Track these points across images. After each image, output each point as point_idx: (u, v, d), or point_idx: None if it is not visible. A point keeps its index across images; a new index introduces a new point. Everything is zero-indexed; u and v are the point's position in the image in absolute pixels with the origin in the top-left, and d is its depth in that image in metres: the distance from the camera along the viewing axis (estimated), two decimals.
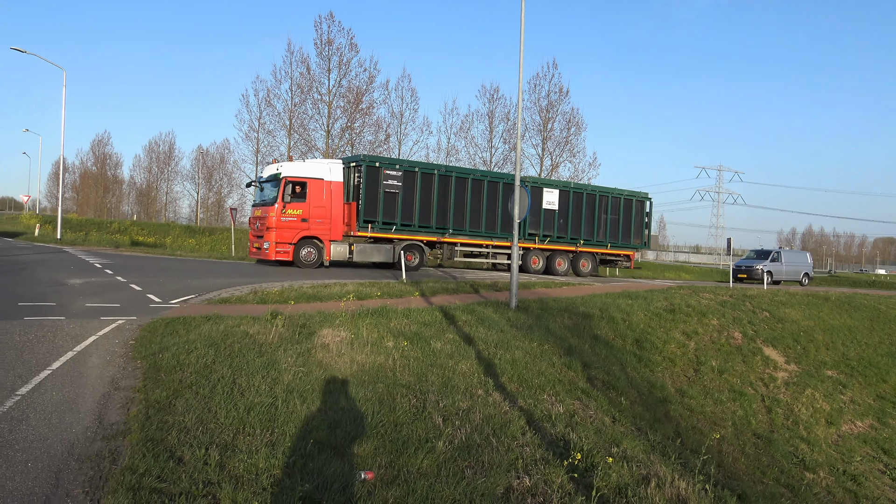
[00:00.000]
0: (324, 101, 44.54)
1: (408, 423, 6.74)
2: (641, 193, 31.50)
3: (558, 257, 28.71)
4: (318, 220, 23.81)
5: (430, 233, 26.09)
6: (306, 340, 9.89)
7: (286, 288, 16.01)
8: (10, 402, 6.55)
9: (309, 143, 44.74)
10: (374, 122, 45.55)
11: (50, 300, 12.85)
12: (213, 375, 7.68)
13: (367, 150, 44.91)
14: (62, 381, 7.41)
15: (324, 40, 44.01)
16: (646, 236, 30.90)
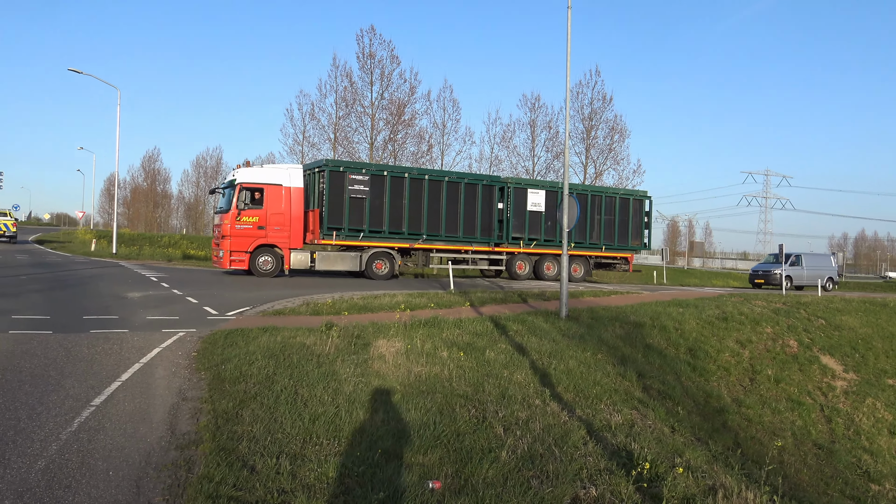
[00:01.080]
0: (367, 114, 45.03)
1: (469, 432, 6.79)
2: (640, 192, 29.82)
3: (547, 261, 27.22)
4: (277, 227, 22.84)
5: (402, 239, 24.89)
6: (362, 351, 10.02)
7: (337, 299, 16.21)
8: (86, 412, 6.79)
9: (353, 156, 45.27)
10: (416, 133, 45.89)
11: (113, 313, 13.24)
12: (275, 386, 7.84)
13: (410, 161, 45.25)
14: (132, 393, 7.64)
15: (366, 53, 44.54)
16: (646, 237, 29.16)
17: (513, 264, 26.76)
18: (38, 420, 6.45)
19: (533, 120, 47.65)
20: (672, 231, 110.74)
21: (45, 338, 10.43)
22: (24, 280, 19.04)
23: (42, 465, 5.34)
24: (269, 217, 22.77)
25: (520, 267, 26.94)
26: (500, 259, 26.68)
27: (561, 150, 45.81)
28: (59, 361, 8.95)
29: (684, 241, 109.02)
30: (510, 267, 26.83)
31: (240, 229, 22.53)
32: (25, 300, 14.75)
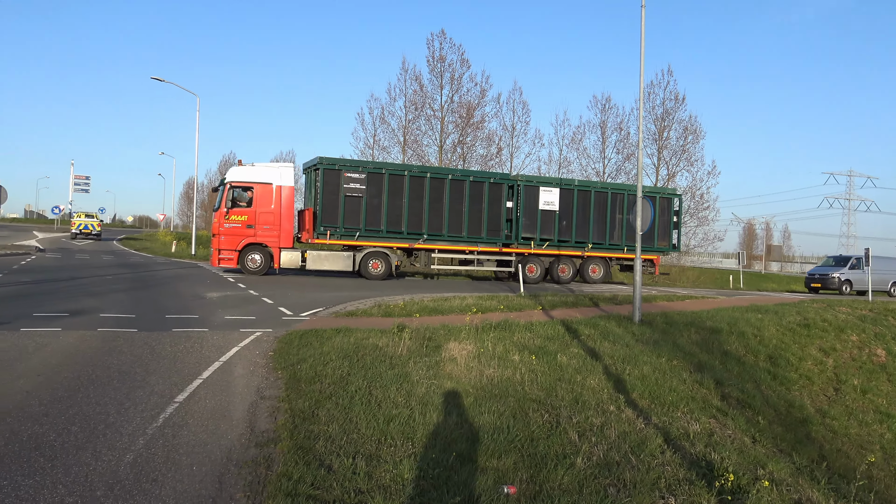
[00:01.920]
0: (436, 117, 45.28)
1: (543, 438, 6.72)
2: (667, 190, 28.15)
3: (561, 263, 25.98)
4: (266, 226, 22.93)
5: (402, 239, 24.19)
6: (434, 353, 10.06)
7: (408, 301, 16.33)
8: (170, 408, 7.02)
9: (422, 159, 45.59)
10: (485, 135, 45.87)
11: (193, 313, 13.67)
12: (349, 387, 7.94)
13: (479, 164, 45.25)
14: (213, 390, 7.87)
15: (436, 57, 44.79)
16: (674, 238, 27.33)
17: (524, 266, 25.43)
18: (125, 415, 6.70)
19: (603, 121, 47.02)
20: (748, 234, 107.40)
21: (131, 336, 10.85)
22: (109, 280, 19.87)
23: (130, 459, 5.54)
24: (259, 216, 22.95)
25: (531, 269, 25.65)
26: (509, 261, 25.51)
27: (632, 151, 45.04)
28: (145, 359, 9.29)
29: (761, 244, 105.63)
30: (521, 268, 25.13)
31: (228, 228, 22.84)
32: (112, 299, 15.39)
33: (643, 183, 16.38)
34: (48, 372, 8.30)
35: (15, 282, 17.91)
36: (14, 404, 6.90)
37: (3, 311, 12.54)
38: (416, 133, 45.88)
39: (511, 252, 25.52)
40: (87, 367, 8.61)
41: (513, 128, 46.84)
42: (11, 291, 15.82)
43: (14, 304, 13.76)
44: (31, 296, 15.27)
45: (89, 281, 19.26)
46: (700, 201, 44.39)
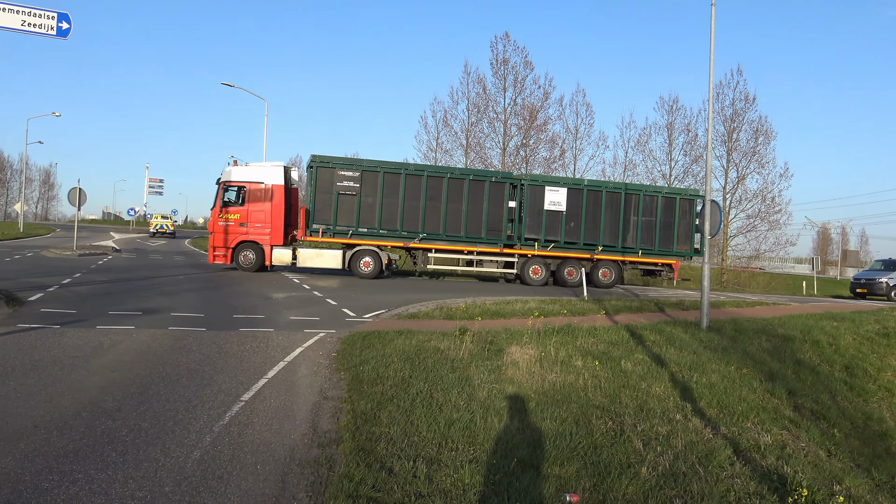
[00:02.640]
0: (499, 120, 45.21)
1: (607, 445, 6.58)
2: (689, 191, 26.59)
3: (568, 266, 25.07)
4: (258, 224, 23.48)
5: (397, 238, 24.06)
6: (496, 357, 10.00)
7: (470, 304, 16.30)
8: (236, 406, 7.16)
9: (485, 161, 45.55)
10: (548, 138, 45.59)
11: (259, 313, 13.95)
12: (411, 389, 7.95)
13: (542, 167, 44.95)
14: (277, 390, 7.99)
15: (499, 60, 44.71)
16: (697, 242, 25.61)
17: (527, 268, 24.93)
18: (193, 412, 6.86)
19: (670, 123, 46.18)
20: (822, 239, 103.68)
21: (200, 335, 11.14)
22: (180, 280, 20.47)
23: (197, 456, 5.66)
24: (251, 214, 23.50)
25: (535, 271, 24.99)
26: (511, 262, 24.96)
27: (699, 153, 44.03)
28: (212, 357, 9.51)
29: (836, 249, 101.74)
30: (523, 271, 24.97)
31: (222, 226, 23.56)
32: (182, 299, 15.84)
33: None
34: (122, 369, 8.58)
35: (92, 281, 18.63)
36: (89, 399, 7.15)
37: (81, 309, 13.05)
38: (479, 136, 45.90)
39: (513, 253, 24.94)
40: (158, 365, 8.87)
41: (576, 130, 46.43)
42: (89, 290, 16.45)
43: (91, 302, 14.30)
44: (108, 294, 15.85)
45: (161, 281, 19.88)
46: (771, 205, 43.05)
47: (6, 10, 13.50)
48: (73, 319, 11.89)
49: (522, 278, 25.08)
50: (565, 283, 25.01)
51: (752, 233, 43.66)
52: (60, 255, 28.08)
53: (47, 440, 5.85)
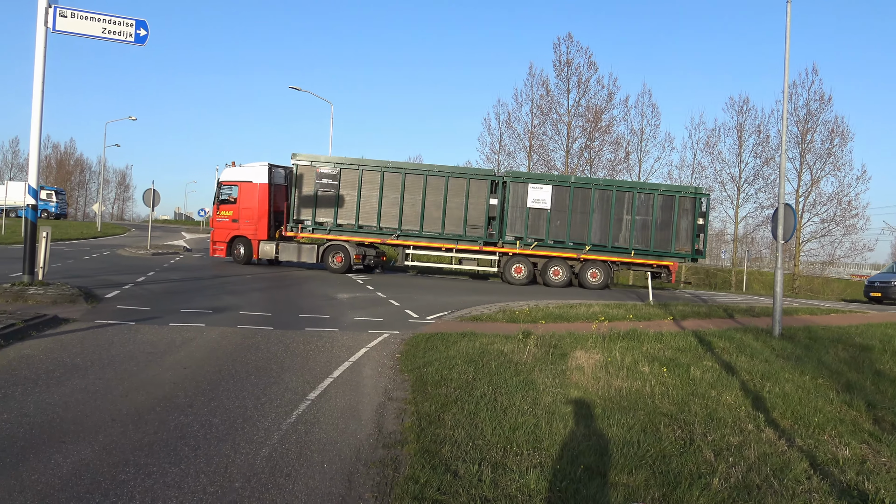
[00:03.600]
0: (563, 122, 44.89)
1: (676, 455, 6.41)
2: (690, 188, 25.54)
3: (554, 265, 24.54)
4: (247, 220, 25.29)
5: (374, 235, 24.64)
6: (560, 361, 9.89)
7: (533, 307, 16.19)
8: (303, 405, 7.26)
9: (548, 164, 45.28)
10: (613, 140, 45.04)
11: (324, 313, 14.15)
12: (475, 392, 7.92)
13: (606, 169, 44.39)
14: (343, 389, 8.07)
15: (562, 61, 44.42)
16: (699, 243, 24.52)
17: (509, 266, 24.65)
18: (262, 410, 6.99)
19: (740, 124, 44.99)
20: None
21: (267, 333, 11.36)
22: (248, 279, 20.94)
23: (266, 453, 5.76)
24: (241, 211, 25.45)
25: (517, 270, 24.67)
26: (492, 260, 24.83)
27: (771, 155, 42.77)
28: (280, 356, 9.69)
29: None
30: (506, 270, 24.70)
31: (219, 222, 25.85)
32: (250, 298, 16.20)
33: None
34: (193, 365, 8.81)
35: (165, 279, 19.23)
36: (163, 395, 7.36)
37: (154, 307, 13.48)
38: (542, 138, 45.71)
39: (494, 251, 24.79)
40: (227, 362, 9.08)
41: (641, 131, 45.67)
42: (162, 288, 16.99)
43: (164, 300, 14.76)
44: (179, 292, 16.34)
45: (229, 280, 20.38)
46: (847, 208, 41.56)
47: (88, 18, 14.06)
48: (147, 316, 12.29)
49: (504, 277, 25.00)
50: (549, 283, 24.72)
51: (826, 237, 42.17)
52: (135, 254, 29.11)
53: (124, 433, 6.04)
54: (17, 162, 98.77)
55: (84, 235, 42.84)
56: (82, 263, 23.17)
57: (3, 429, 5.95)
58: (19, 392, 7.13)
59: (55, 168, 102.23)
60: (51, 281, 14.74)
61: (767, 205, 42.61)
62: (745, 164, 44.45)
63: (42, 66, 13.99)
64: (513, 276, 24.76)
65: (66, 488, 4.83)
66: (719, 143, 47.88)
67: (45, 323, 10.83)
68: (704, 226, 24.67)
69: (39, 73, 13.96)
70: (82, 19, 14.07)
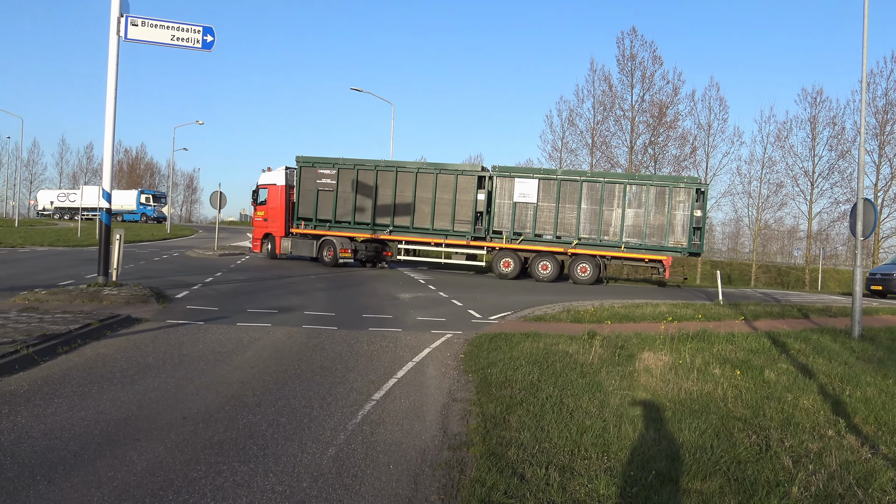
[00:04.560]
0: (626, 118, 44.18)
1: (751, 461, 6.19)
2: (685, 179, 24.44)
3: (542, 260, 24.37)
4: (273, 219, 28.24)
5: (368, 230, 26.08)
6: (627, 363, 9.70)
7: (598, 307, 15.96)
8: (368, 405, 7.31)
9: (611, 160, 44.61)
10: (679, 135, 44.07)
11: (387, 313, 14.25)
12: (540, 394, 7.83)
13: (672, 165, 43.49)
14: (407, 390, 8.10)
15: (626, 56, 43.74)
16: (695, 237, 23.57)
17: (497, 260, 24.94)
18: (327, 410, 7.06)
19: (814, 116, 43.40)
20: None
21: (332, 333, 11.50)
22: (312, 279, 21.28)
23: (332, 453, 5.81)
24: (269, 211, 28.35)
25: (506, 264, 24.87)
26: (479, 255, 25.53)
27: (847, 148, 41.19)
28: (344, 356, 9.79)
29: None
30: (495, 264, 25.06)
31: (256, 221, 29.23)
32: (314, 298, 16.45)
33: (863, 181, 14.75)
34: (260, 365, 8.98)
35: (232, 279, 19.71)
36: (232, 393, 7.51)
37: (222, 307, 13.81)
38: (605, 134, 45.08)
39: (482, 246, 25.24)
40: (293, 362, 9.22)
41: (708, 126, 44.56)
42: (229, 289, 17.40)
43: (231, 300, 15.11)
44: (246, 293, 16.71)
45: (294, 280, 20.75)
46: None
47: (158, 26, 14.51)
48: (216, 316, 12.59)
49: (494, 270, 25.41)
50: (538, 277, 24.68)
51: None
52: (203, 255, 29.96)
53: (195, 431, 6.18)
54: (92, 167, 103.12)
55: (154, 237, 44.32)
56: (153, 265, 23.95)
57: (80, 426, 6.17)
58: (95, 390, 7.38)
59: (127, 172, 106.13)
60: (124, 282, 15.28)
61: (843, 200, 41.05)
62: (818, 157, 42.92)
63: (115, 73, 14.50)
64: (502, 271, 25.15)
65: (140, 485, 4.97)
66: (791, 136, 46.50)
67: (119, 323, 11.21)
68: (702, 218, 24.00)
69: (112, 80, 14.48)
70: (152, 27, 14.52)
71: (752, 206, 45.95)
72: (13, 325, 10.07)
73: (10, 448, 5.51)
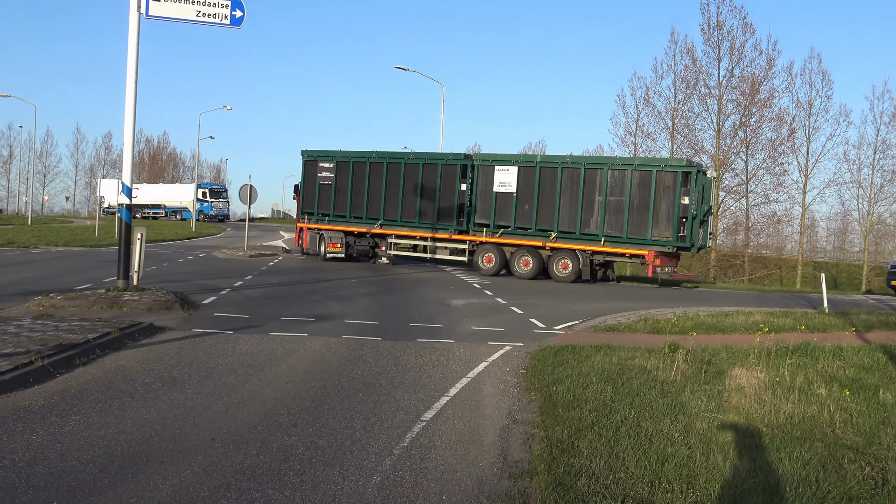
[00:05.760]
0: (712, 96, 43.52)
1: (865, 497, 6.02)
2: (671, 161, 23.73)
3: (522, 255, 24.75)
4: None
5: (361, 224, 27.95)
6: (715, 381, 9.56)
7: (680, 316, 15.77)
8: (417, 427, 7.34)
9: (695, 146, 43.97)
10: (774, 115, 43.20)
11: (437, 321, 14.32)
12: (614, 416, 7.76)
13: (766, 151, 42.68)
14: (461, 410, 8.11)
15: (712, 24, 43.11)
16: (682, 229, 22.56)
17: (479, 256, 25.45)
18: (371, 431, 7.11)
19: None
20: None
21: (375, 344, 11.61)
22: (353, 283, 21.51)
23: (377, 481, 5.85)
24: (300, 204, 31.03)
25: (488, 259, 25.40)
26: (463, 249, 26.02)
27: None
28: (389, 370, 9.86)
29: None
30: (476, 259, 25.54)
31: (297, 215, 32.08)
32: (356, 304, 16.62)
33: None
34: (296, 380, 9.11)
35: (264, 283, 20.05)
36: (264, 412, 7.64)
37: (253, 314, 14.07)
38: (688, 116, 44.52)
39: (465, 240, 25.91)
40: (332, 377, 9.33)
41: (809, 105, 43.62)
42: (261, 294, 17.71)
43: (264, 306, 15.38)
44: (279, 298, 16.98)
45: (333, 284, 21.00)
46: None
47: (182, 0, 14.83)
48: (246, 325, 12.83)
49: (475, 267, 25.92)
50: (518, 274, 25.05)
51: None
52: (231, 255, 30.57)
53: (224, 454, 6.30)
54: (111, 158, 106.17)
55: (178, 236, 45.41)
56: (177, 266, 24.54)
57: (100, 446, 6.35)
58: (116, 407, 7.59)
59: (148, 163, 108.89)
60: (146, 286, 15.68)
61: None
62: None
63: (135, 53, 14.90)
64: (483, 267, 25.75)
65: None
66: None
67: (140, 331, 11.51)
68: (700, 208, 23.11)
69: (133, 62, 14.87)
70: (175, 2, 14.85)
71: (862, 197, 44.83)
72: (27, 334, 10.42)
73: (25, 470, 5.70)
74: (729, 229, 48.51)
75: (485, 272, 25.55)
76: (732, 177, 44.72)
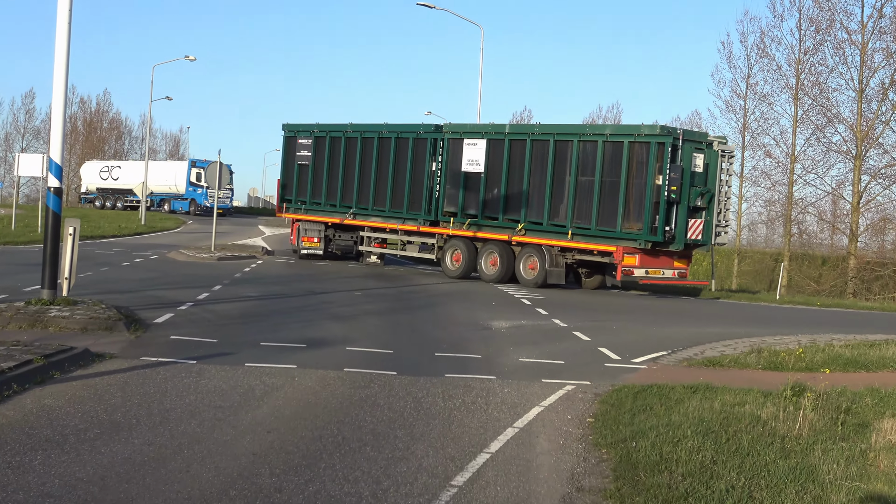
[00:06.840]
0: (853, 43, 43.05)
1: None
2: (643, 128, 22.77)
3: (489, 251, 25.22)
4: None
5: (336, 213, 29.30)
6: (856, 435, 9.51)
7: (807, 346, 15.67)
8: (445, 494, 7.31)
9: (828, 111, 43.59)
10: None
11: (472, 350, 14.32)
12: (715, 483, 7.71)
13: None
14: (506, 472, 8.08)
15: None
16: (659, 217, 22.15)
17: (447, 253, 26.21)
18: (384, 500, 7.11)
19: None
20: None
21: (389, 381, 11.62)
22: (357, 297, 21.60)
23: None
24: None
25: (456, 258, 26.06)
26: (431, 244, 26.73)
27: None
28: (407, 416, 9.86)
29: None
30: (444, 257, 26.29)
31: None
32: (362, 325, 16.68)
33: None
34: (281, 428, 9.13)
35: (238, 296, 20.15)
36: (238, 471, 7.65)
37: (223, 338, 14.14)
38: (819, 70, 44.06)
39: (434, 233, 26.58)
40: (330, 424, 9.34)
41: None
42: (234, 310, 17.81)
43: (238, 327, 15.46)
44: (258, 317, 17.05)
45: (331, 297, 21.07)
46: None
47: None
48: (214, 352, 12.89)
49: (443, 267, 26.80)
50: (484, 276, 25.83)
51: None
52: (194, 258, 30.73)
53: None
54: (33, 126, 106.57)
55: (123, 231, 45.67)
56: (122, 272, 24.77)
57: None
58: (38, 461, 7.64)
59: (83, 133, 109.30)
60: (79, 298, 15.79)
61: None
62: None
63: None
64: (451, 266, 26.75)
65: None
66: None
67: (72, 359, 11.58)
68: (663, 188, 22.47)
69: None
70: None
71: None
72: None
73: None
74: (874, 227, 47.92)
75: (451, 274, 26.40)
76: (880, 155, 44.23)
